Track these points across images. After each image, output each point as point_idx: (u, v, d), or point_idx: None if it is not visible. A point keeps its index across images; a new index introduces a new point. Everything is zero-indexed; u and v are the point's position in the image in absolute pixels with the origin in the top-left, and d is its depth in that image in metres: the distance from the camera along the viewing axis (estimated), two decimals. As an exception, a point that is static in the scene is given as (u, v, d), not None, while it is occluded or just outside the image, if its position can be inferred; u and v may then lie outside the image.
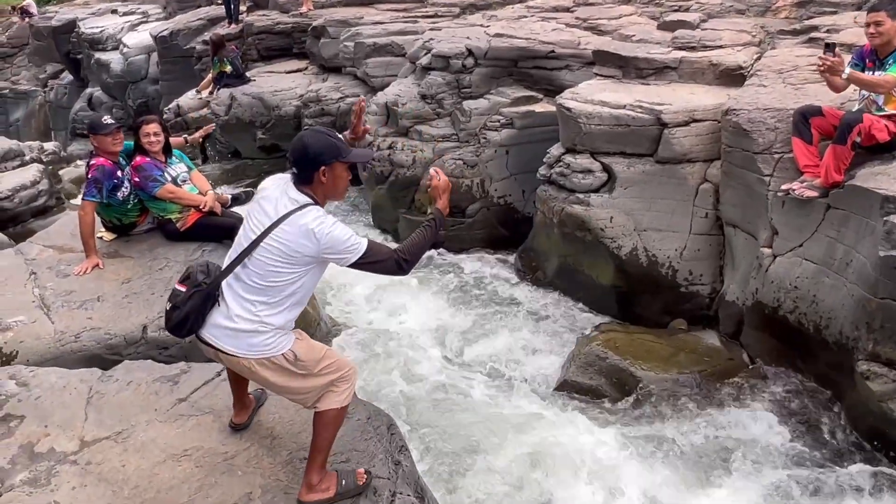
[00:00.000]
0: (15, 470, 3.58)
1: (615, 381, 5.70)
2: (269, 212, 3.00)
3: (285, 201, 2.99)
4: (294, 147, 3.03)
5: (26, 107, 19.55)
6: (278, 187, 3.06)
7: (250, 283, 3.01)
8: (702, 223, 6.42)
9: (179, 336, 3.21)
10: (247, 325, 3.02)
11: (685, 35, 7.45)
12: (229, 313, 3.04)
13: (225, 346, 3.08)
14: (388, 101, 8.93)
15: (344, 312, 7.10)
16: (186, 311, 3.08)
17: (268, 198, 3.05)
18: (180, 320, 3.10)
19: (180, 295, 3.12)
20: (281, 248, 2.95)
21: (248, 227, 3.07)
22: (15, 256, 5.69)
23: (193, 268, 3.22)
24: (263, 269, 2.99)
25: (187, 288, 3.11)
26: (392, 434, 3.74)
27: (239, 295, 3.04)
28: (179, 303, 3.11)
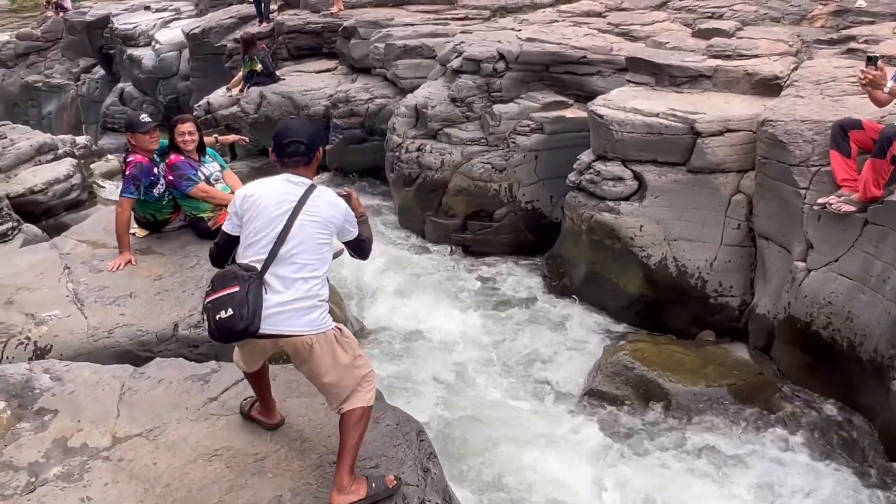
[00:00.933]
0: (49, 464, 3.62)
1: (642, 392, 5.66)
2: (282, 199, 3.12)
3: (290, 187, 3.15)
4: (300, 132, 3.22)
5: (59, 100, 19.83)
6: (266, 183, 3.22)
7: (301, 263, 3.09)
8: (733, 234, 6.35)
9: (250, 335, 3.08)
10: (306, 302, 3.10)
11: (720, 43, 7.38)
12: (284, 298, 3.07)
13: (288, 329, 3.08)
14: (417, 103, 8.94)
15: (368, 314, 7.11)
16: (253, 306, 3.01)
17: (266, 195, 3.15)
18: (251, 316, 2.99)
19: (236, 295, 3.00)
20: (319, 220, 3.13)
21: (265, 222, 3.12)
22: (49, 250, 5.77)
23: (228, 271, 3.15)
24: (312, 245, 3.10)
25: (239, 286, 3.02)
26: (421, 441, 3.73)
27: (290, 278, 3.09)
28: (239, 302, 2.99)
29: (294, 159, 3.18)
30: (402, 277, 7.85)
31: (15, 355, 4.55)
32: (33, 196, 8.21)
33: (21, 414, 3.98)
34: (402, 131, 8.99)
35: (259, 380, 3.60)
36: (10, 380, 4.18)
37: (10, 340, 4.63)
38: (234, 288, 3.02)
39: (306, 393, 4.05)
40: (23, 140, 9.41)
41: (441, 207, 8.61)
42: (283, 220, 3.08)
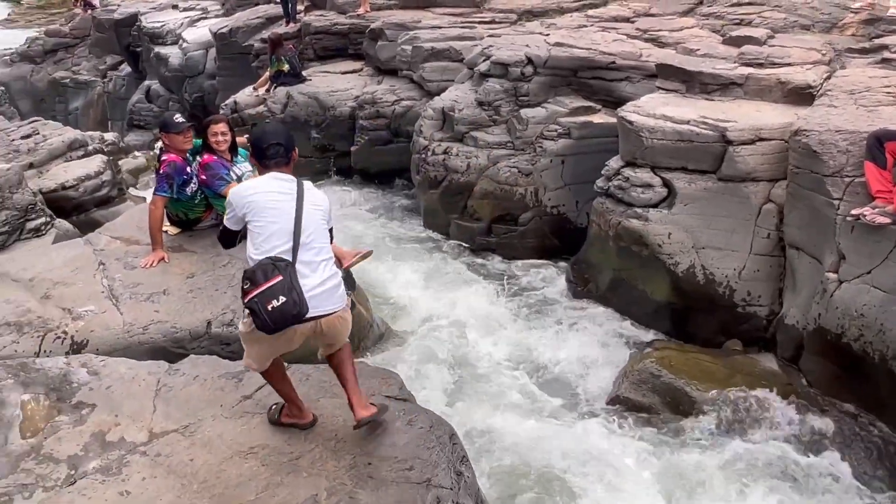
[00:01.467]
0: (87, 457, 3.69)
1: (669, 401, 5.64)
2: (282, 194, 3.42)
3: (282, 184, 3.46)
4: (277, 134, 3.59)
5: (85, 96, 20.05)
6: (259, 182, 3.53)
7: (318, 247, 3.41)
8: (763, 243, 6.31)
9: (300, 319, 3.27)
10: (332, 281, 3.43)
11: (752, 51, 7.34)
12: (316, 282, 3.33)
13: (329, 308, 3.39)
14: (444, 106, 8.97)
15: (393, 316, 7.13)
16: (299, 290, 3.23)
17: (262, 192, 3.44)
18: (300, 299, 3.21)
19: (283, 283, 3.20)
20: (320, 210, 3.50)
21: (273, 217, 3.37)
22: (84, 246, 5.85)
23: (264, 265, 3.28)
24: (321, 230, 3.47)
25: (282, 275, 3.22)
26: (454, 444, 3.75)
27: (314, 262, 3.37)
28: (288, 288, 3.20)
29: (275, 160, 3.52)
30: (426, 280, 7.88)
31: (52, 349, 4.63)
32: (65, 192, 8.32)
33: (59, 407, 4.05)
34: (428, 134, 9.02)
35: (281, 378, 3.72)
36: (48, 373, 4.26)
37: (47, 334, 4.70)
38: (277, 277, 3.22)
39: (339, 394, 4.07)
40: (55, 136, 9.55)
41: (466, 210, 8.63)
42: (292, 212, 3.36)
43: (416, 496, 3.36)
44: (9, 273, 5.38)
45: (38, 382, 4.20)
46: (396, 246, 8.66)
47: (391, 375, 4.28)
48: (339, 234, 7.95)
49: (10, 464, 3.62)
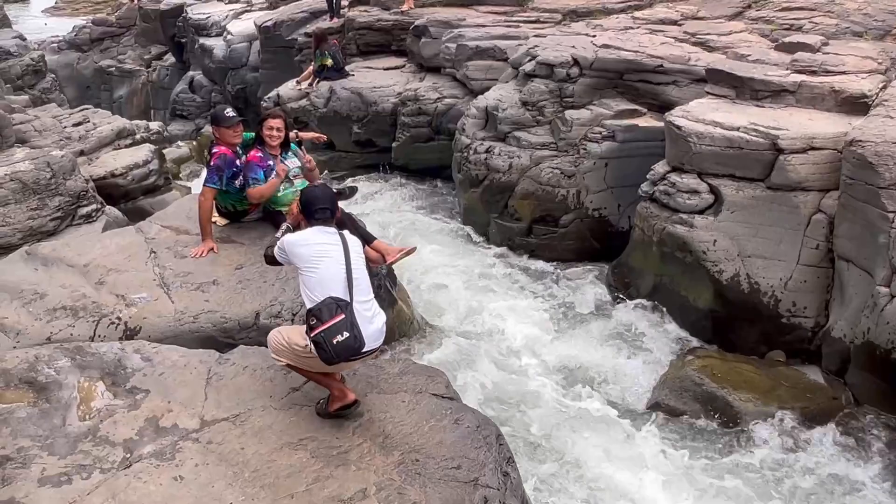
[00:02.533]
0: (142, 442, 3.78)
1: (710, 409, 5.60)
2: (329, 245, 3.82)
3: (327, 236, 3.87)
4: (321, 196, 4.01)
5: (129, 85, 20.42)
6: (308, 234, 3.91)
7: (365, 289, 3.81)
8: (811, 254, 6.22)
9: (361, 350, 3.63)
10: (381, 318, 3.85)
11: (805, 58, 7.22)
12: (370, 320, 3.73)
13: (378, 344, 3.80)
14: (488, 105, 8.97)
15: (432, 314, 7.16)
16: (359, 328, 3.61)
17: (317, 243, 3.82)
18: (361, 336, 3.60)
19: (345, 321, 3.57)
20: (360, 252, 3.95)
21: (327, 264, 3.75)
22: (136, 234, 5.97)
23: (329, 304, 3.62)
24: (365, 273, 3.87)
25: (344, 314, 3.59)
26: (500, 445, 3.77)
27: (366, 303, 3.77)
28: (350, 325, 3.58)
29: (322, 220, 3.94)
30: (465, 278, 7.89)
31: (106, 334, 4.75)
32: (114, 179, 8.53)
33: (115, 391, 4.16)
34: (471, 132, 9.03)
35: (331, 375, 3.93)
36: (104, 357, 4.37)
37: (101, 319, 4.83)
38: (340, 316, 3.59)
39: (387, 389, 4.13)
40: (104, 124, 9.77)
41: (507, 210, 8.63)
42: (342, 259, 3.77)
43: (464, 495, 3.39)
44: (64, 258, 5.51)
45: (94, 366, 4.31)
46: (435, 243, 8.68)
47: (438, 374, 4.31)
48: (378, 228, 8.06)
49: (68, 444, 3.72)
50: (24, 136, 8.74)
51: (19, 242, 6.70)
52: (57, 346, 4.47)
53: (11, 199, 6.80)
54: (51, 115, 9.56)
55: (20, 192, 6.87)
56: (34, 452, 3.64)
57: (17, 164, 7.09)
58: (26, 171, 7.00)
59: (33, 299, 5.04)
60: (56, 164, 7.16)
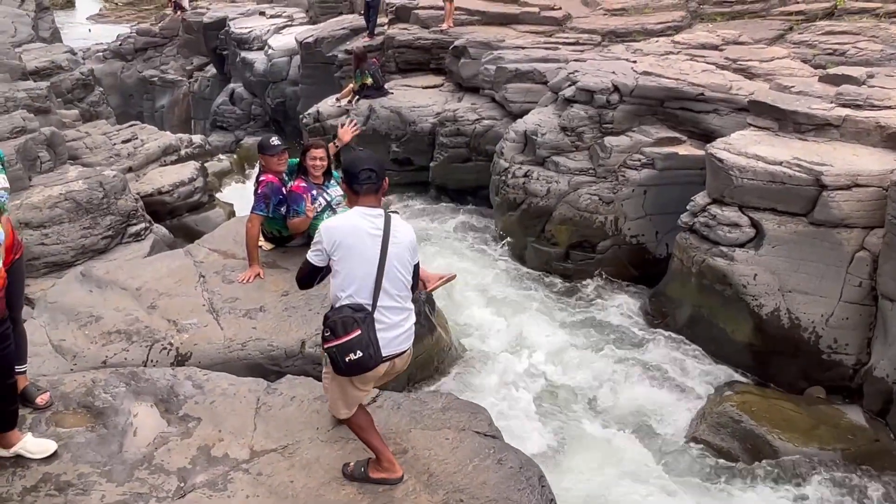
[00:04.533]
0: (195, 471, 3.90)
1: (749, 447, 5.59)
2: (371, 234, 3.40)
3: (373, 220, 3.43)
4: (370, 161, 3.54)
5: (171, 95, 20.88)
6: (348, 220, 3.46)
7: (398, 290, 3.47)
8: (854, 292, 6.18)
9: (378, 365, 3.43)
10: (410, 321, 3.57)
11: (850, 91, 7.17)
12: (395, 327, 3.47)
13: (403, 348, 3.55)
14: (527, 129, 9.04)
15: (470, 339, 7.23)
16: (376, 345, 3.38)
17: (353, 232, 3.41)
18: (377, 353, 3.38)
19: (361, 339, 3.33)
20: (405, 247, 3.49)
21: (359, 261, 3.39)
22: (185, 258, 6.14)
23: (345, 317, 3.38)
24: (403, 273, 3.47)
25: (361, 330, 3.33)
26: (542, 486, 3.82)
27: (394, 308, 3.46)
28: (366, 344, 3.34)
29: (366, 186, 3.44)
30: (500, 302, 7.96)
31: (159, 359, 4.90)
32: (160, 196, 8.78)
33: (168, 418, 4.30)
34: (509, 156, 9.11)
35: (369, 428, 3.69)
36: (157, 384, 4.52)
37: (154, 345, 4.98)
38: (356, 332, 3.33)
39: (430, 426, 4.21)
40: (151, 141, 10.05)
41: (544, 234, 8.68)
42: (376, 257, 3.38)
43: (508, 538, 3.45)
44: (118, 281, 5.70)
45: (148, 392, 4.46)
46: (472, 266, 8.77)
47: (480, 410, 4.37)
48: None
49: (125, 471, 3.86)
50: (76, 153, 9.05)
51: (72, 260, 6.96)
52: (113, 371, 4.63)
53: (66, 217, 7.07)
54: (101, 131, 9.87)
55: (74, 211, 7.13)
56: (94, 479, 3.78)
57: (71, 184, 7.36)
58: (80, 190, 7.27)
59: (89, 322, 5.22)
60: (108, 184, 7.41)
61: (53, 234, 6.96)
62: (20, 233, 6.37)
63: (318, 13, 17.70)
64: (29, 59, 11.53)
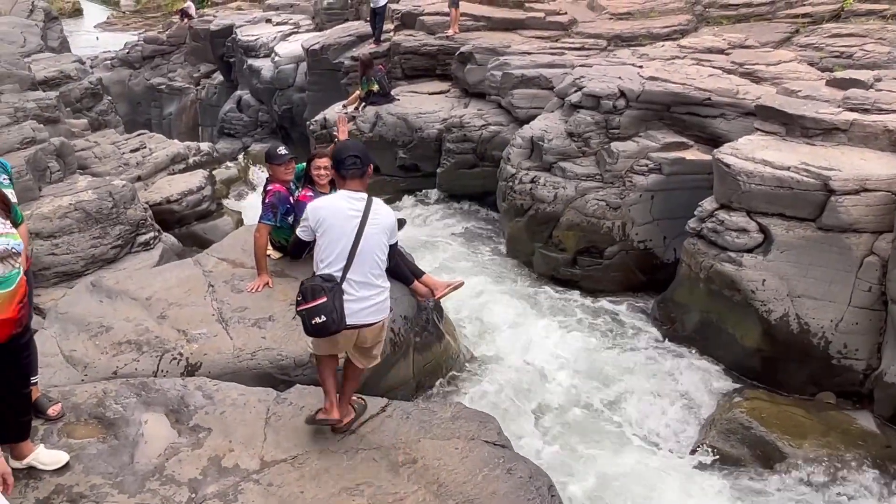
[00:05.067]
0: (206, 482, 3.93)
1: (759, 454, 5.57)
2: (350, 215, 3.84)
3: (354, 202, 3.87)
4: (356, 149, 3.99)
5: (179, 102, 20.99)
6: (332, 201, 3.95)
7: (370, 267, 3.85)
8: (863, 297, 6.15)
9: (340, 330, 3.82)
10: (377, 297, 3.93)
11: (858, 95, 7.14)
12: (362, 299, 3.84)
13: (368, 321, 3.90)
14: (533, 135, 9.05)
15: (478, 344, 7.23)
16: (340, 312, 3.77)
17: (335, 212, 3.86)
18: (339, 320, 3.76)
19: (326, 305, 3.74)
20: (383, 228, 3.90)
21: (335, 237, 3.83)
22: (194, 267, 6.17)
23: (315, 284, 3.81)
24: (377, 251, 3.87)
25: (326, 297, 3.74)
26: (552, 496, 3.84)
27: (362, 282, 3.84)
28: (329, 310, 3.74)
29: (351, 171, 3.88)
30: (509, 309, 7.95)
31: (169, 369, 4.93)
32: (169, 205, 8.84)
33: (179, 429, 4.32)
34: (516, 162, 9.12)
35: (329, 373, 4.12)
36: (167, 394, 4.55)
37: (164, 355, 5.01)
38: (322, 299, 3.75)
39: (440, 435, 4.22)
40: (160, 149, 10.12)
41: (551, 240, 8.67)
42: (352, 234, 3.80)
43: (518, 548, 3.45)
44: (127, 291, 5.73)
45: (159, 403, 4.49)
46: (479, 272, 8.77)
47: (489, 420, 4.39)
48: (421, 256, 8.15)
49: (137, 483, 3.89)
50: (85, 163, 9.11)
51: (82, 270, 7.01)
52: (123, 382, 4.66)
53: (75, 227, 7.12)
54: (110, 140, 9.94)
55: (83, 220, 7.18)
56: (105, 490, 3.81)
57: (81, 194, 7.41)
58: (89, 200, 7.32)
59: (99, 332, 5.26)
60: (118, 194, 7.46)
61: (63, 244, 7.01)
62: (30, 243, 6.44)
63: (325, 20, 17.76)
64: (38, 70, 11.61)
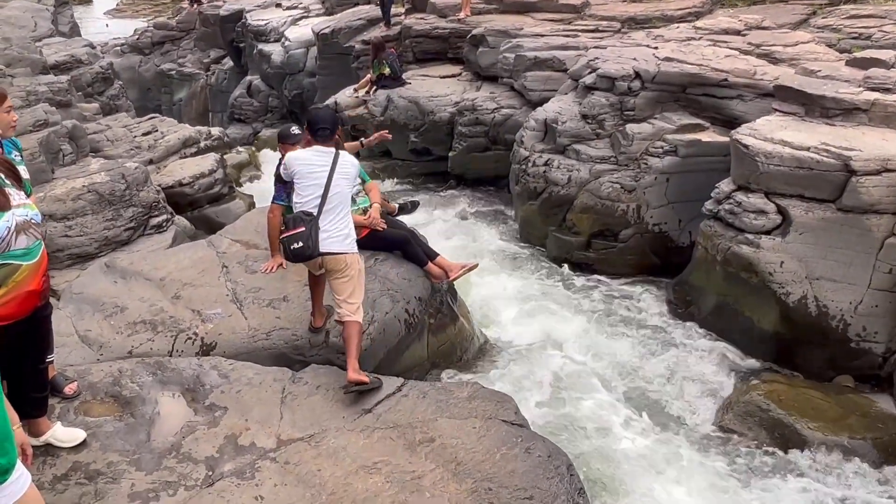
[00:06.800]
0: (223, 459, 3.92)
1: (777, 437, 5.52)
2: (321, 165, 4.59)
3: (321, 157, 4.63)
4: (324, 116, 4.81)
5: (189, 88, 20.93)
6: (307, 155, 4.69)
7: (338, 207, 4.58)
8: (883, 279, 6.07)
9: (313, 258, 4.53)
10: (344, 231, 4.60)
11: (879, 75, 7.01)
12: (331, 231, 4.52)
13: (334, 249, 4.54)
14: (547, 117, 8.96)
15: (491, 328, 7.19)
16: (314, 240, 4.46)
17: (308, 164, 4.62)
18: (314, 246, 4.45)
19: (304, 233, 4.45)
20: (347, 175, 4.68)
21: (311, 182, 4.58)
22: (207, 248, 6.15)
23: (297, 217, 4.55)
24: (345, 195, 4.65)
25: (305, 227, 4.47)
26: (571, 475, 3.80)
27: (332, 219, 4.55)
28: (306, 237, 4.45)
29: (321, 137, 4.70)
30: (522, 292, 7.91)
31: (184, 349, 4.92)
32: (181, 188, 8.79)
33: (195, 407, 4.31)
34: (529, 145, 9.04)
35: (315, 285, 4.97)
36: (183, 373, 4.54)
37: (179, 335, 5.01)
38: (301, 228, 4.49)
39: (457, 415, 4.19)
40: (171, 133, 10.08)
41: (565, 223, 8.60)
42: (324, 181, 4.54)
43: (538, 526, 3.43)
44: (141, 272, 5.72)
45: (174, 382, 4.48)
46: (492, 256, 8.72)
47: (507, 399, 4.36)
48: (435, 239, 8.11)
49: (154, 460, 3.88)
50: (98, 146, 9.09)
51: (95, 252, 7.00)
52: (139, 361, 4.66)
53: (89, 210, 7.09)
54: (121, 124, 9.91)
55: (97, 203, 7.16)
56: (123, 468, 3.80)
57: (94, 176, 7.39)
58: (102, 182, 7.29)
59: (114, 312, 5.26)
60: (130, 176, 7.44)
61: (77, 226, 6.99)
62: (43, 224, 6.43)
63: (335, 4, 17.63)
64: (49, 54, 11.59)
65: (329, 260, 4.57)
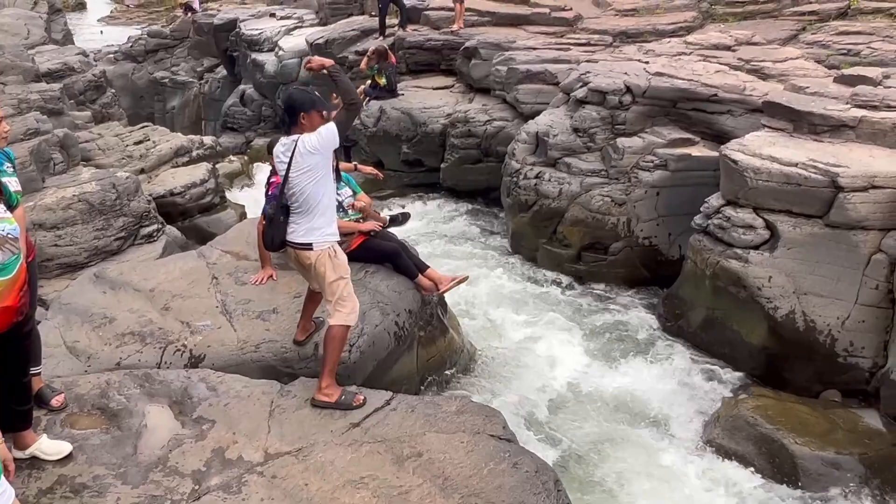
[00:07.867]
0: (209, 473, 3.90)
1: (765, 451, 5.54)
2: (281, 162, 4.35)
3: (283, 149, 4.33)
4: (285, 102, 4.49)
5: (182, 96, 20.93)
6: (276, 150, 4.45)
7: (296, 204, 4.36)
8: (870, 294, 6.12)
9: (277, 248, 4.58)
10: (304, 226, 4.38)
11: (866, 92, 7.09)
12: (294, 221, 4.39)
13: (296, 241, 4.41)
14: (538, 130, 9.01)
15: (481, 339, 7.20)
16: (273, 232, 4.44)
17: (277, 160, 4.42)
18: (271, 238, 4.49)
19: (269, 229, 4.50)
20: (304, 169, 4.24)
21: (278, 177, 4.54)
22: (198, 259, 6.15)
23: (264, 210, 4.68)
24: (304, 191, 4.29)
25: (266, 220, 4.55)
26: (559, 491, 3.81)
27: (294, 212, 4.40)
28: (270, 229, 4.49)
29: (285, 123, 4.47)
30: (512, 303, 7.93)
31: (172, 361, 4.91)
32: (172, 198, 8.80)
33: (182, 420, 4.30)
34: (521, 157, 9.08)
35: (309, 298, 4.90)
36: (171, 385, 4.53)
37: (168, 346, 4.99)
38: (264, 220, 4.58)
39: (445, 429, 4.19)
40: (163, 142, 10.07)
41: (555, 236, 8.64)
42: (282, 175, 4.36)
43: (524, 542, 3.43)
44: (131, 282, 5.71)
45: (162, 394, 4.47)
46: (483, 268, 8.74)
47: (495, 414, 4.36)
48: (426, 251, 8.13)
49: (140, 474, 3.86)
50: (89, 155, 9.08)
51: (85, 261, 6.99)
52: (126, 373, 4.65)
53: (79, 219, 7.09)
54: (113, 133, 9.91)
55: (87, 212, 7.15)
56: (109, 481, 3.78)
57: (84, 185, 7.38)
58: (93, 192, 7.29)
59: (103, 323, 5.24)
60: (121, 186, 7.43)
61: (67, 235, 6.98)
62: (33, 234, 6.41)
63: (329, 15, 17.69)
64: (42, 61, 11.59)
65: (299, 253, 4.48)
